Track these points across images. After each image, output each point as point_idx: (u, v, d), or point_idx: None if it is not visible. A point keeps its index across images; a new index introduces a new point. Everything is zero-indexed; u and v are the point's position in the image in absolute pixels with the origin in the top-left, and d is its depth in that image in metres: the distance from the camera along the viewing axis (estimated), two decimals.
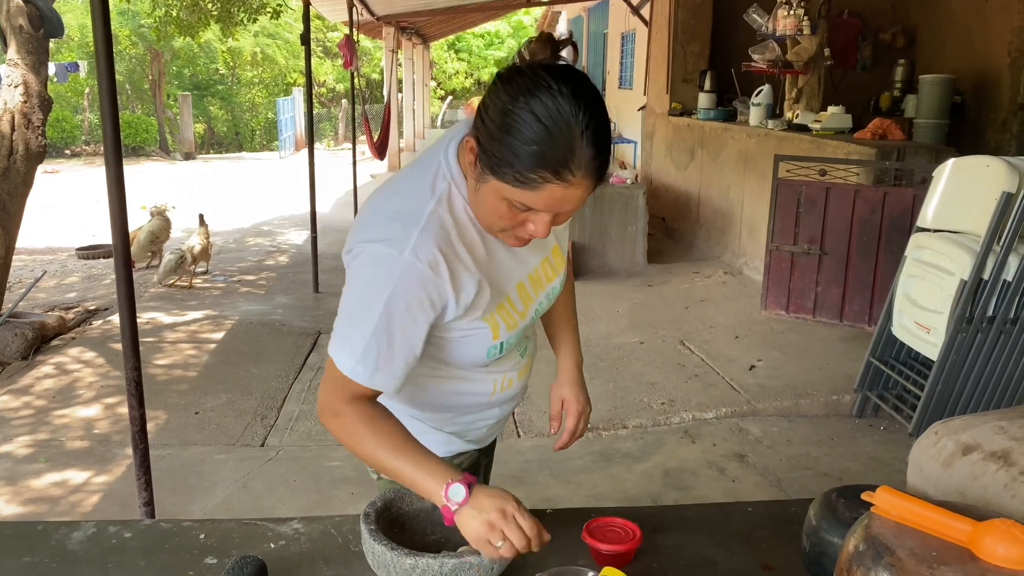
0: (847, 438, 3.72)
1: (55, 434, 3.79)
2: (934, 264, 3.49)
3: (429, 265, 1.20)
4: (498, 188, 1.16)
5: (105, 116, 2.34)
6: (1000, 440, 1.27)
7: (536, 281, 1.42)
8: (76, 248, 8.22)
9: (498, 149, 1.13)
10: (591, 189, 1.16)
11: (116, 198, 2.40)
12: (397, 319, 1.22)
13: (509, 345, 1.39)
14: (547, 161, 1.10)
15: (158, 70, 22.52)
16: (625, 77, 13.83)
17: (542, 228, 1.19)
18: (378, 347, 1.23)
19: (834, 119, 5.79)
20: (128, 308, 2.44)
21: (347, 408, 1.29)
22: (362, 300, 1.23)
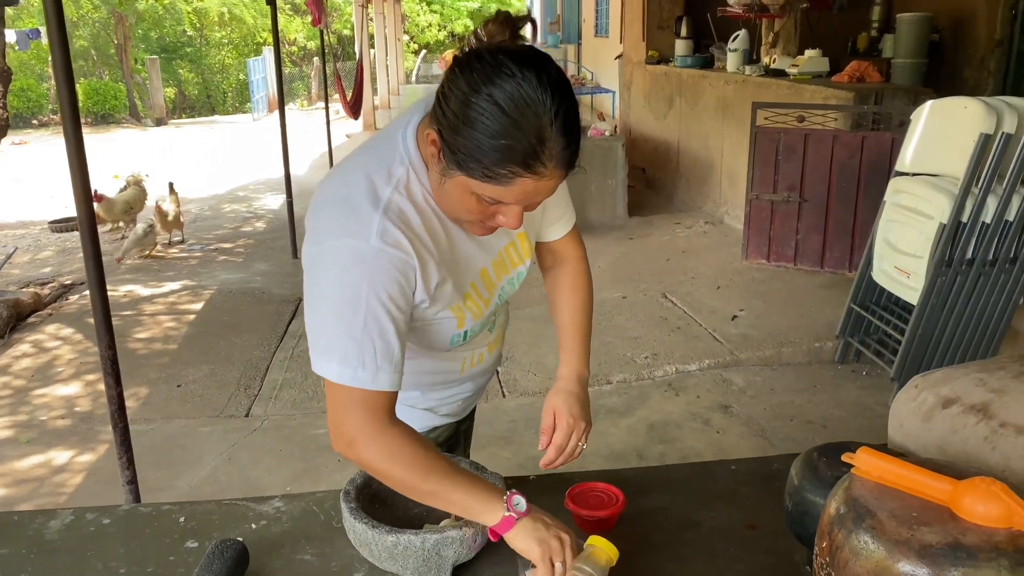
0: (830, 385, 3.75)
1: (36, 413, 3.75)
2: (913, 208, 3.48)
3: (397, 247, 1.15)
4: (465, 183, 1.10)
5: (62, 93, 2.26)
6: (980, 392, 1.26)
7: (500, 266, 1.37)
8: (49, 221, 8.09)
9: (462, 144, 1.07)
10: (563, 178, 1.12)
11: (79, 173, 2.32)
12: (382, 309, 1.15)
13: (473, 333, 1.37)
14: (516, 155, 1.05)
15: (123, 34, 21.97)
16: (601, 24, 13.64)
17: (514, 220, 1.14)
18: (372, 344, 1.15)
19: (811, 63, 5.74)
20: (98, 286, 2.39)
21: (391, 430, 1.20)
22: (340, 301, 1.15)
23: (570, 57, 16.09)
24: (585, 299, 1.55)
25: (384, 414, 1.20)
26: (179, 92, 25.70)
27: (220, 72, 26.99)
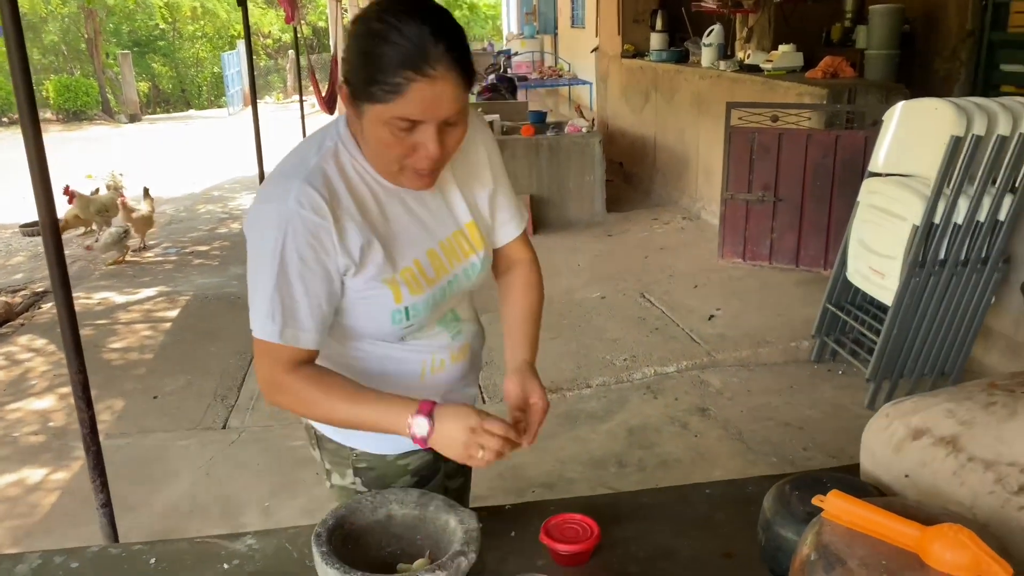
0: (806, 385, 3.77)
1: (9, 429, 3.70)
2: (886, 209, 3.50)
3: (313, 210, 1.23)
4: (376, 114, 1.19)
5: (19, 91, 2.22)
6: (949, 424, 1.27)
7: (450, 251, 1.41)
8: (20, 225, 7.97)
9: (361, 74, 1.18)
10: (461, 86, 1.19)
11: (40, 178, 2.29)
12: (293, 268, 1.23)
13: (416, 313, 1.35)
14: (404, 60, 1.14)
15: (93, 28, 21.63)
16: (577, 16, 13.60)
17: (431, 142, 1.20)
18: (281, 300, 1.24)
19: (785, 58, 5.75)
20: (66, 306, 2.36)
21: (289, 378, 1.30)
22: (258, 259, 1.26)
23: (547, 48, 16.05)
24: (537, 299, 1.61)
25: (292, 365, 1.30)
26: (153, 86, 25.39)
27: (194, 66, 26.69)
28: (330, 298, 1.29)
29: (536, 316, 1.59)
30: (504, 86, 10.27)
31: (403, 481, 1.54)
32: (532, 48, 15.73)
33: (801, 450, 3.23)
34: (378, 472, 1.53)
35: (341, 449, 1.53)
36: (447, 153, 1.25)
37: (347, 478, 1.55)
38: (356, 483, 1.55)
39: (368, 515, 1.38)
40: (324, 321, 1.30)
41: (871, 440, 1.38)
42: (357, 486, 1.55)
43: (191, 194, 9.58)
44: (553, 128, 6.87)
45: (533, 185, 6.59)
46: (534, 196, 6.54)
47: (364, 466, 1.53)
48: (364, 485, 1.54)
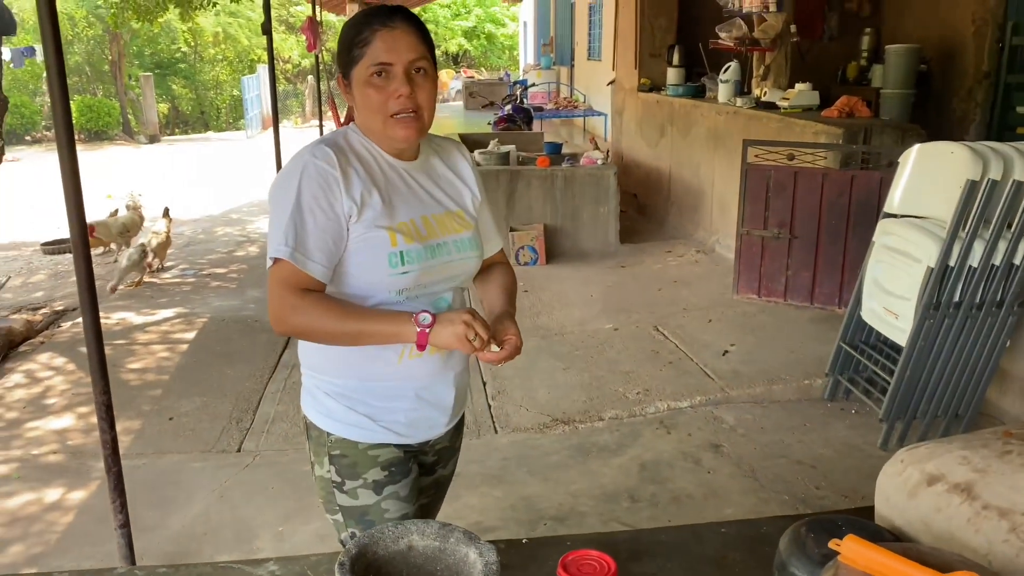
0: (819, 423, 3.77)
1: (28, 448, 3.75)
2: (901, 250, 3.53)
3: (325, 161, 1.51)
4: (358, 75, 1.52)
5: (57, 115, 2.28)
6: (963, 471, 1.29)
7: (442, 223, 1.63)
8: (41, 243, 8.08)
9: (343, 51, 1.55)
10: (417, 36, 1.52)
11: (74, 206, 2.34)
12: (306, 204, 1.48)
13: (411, 259, 1.54)
14: (370, 20, 1.51)
15: (118, 51, 21.98)
16: (594, 48, 13.74)
17: (402, 85, 1.50)
18: (295, 228, 1.47)
19: (801, 96, 5.81)
20: (94, 328, 2.40)
21: (301, 300, 1.48)
22: (278, 199, 1.51)
23: (563, 79, 16.20)
24: (513, 283, 1.83)
25: (300, 287, 1.49)
26: (173, 107, 25.72)
27: (214, 88, 27.02)
28: (336, 238, 1.51)
29: (513, 293, 1.79)
30: (520, 116, 10.38)
31: (373, 472, 1.63)
32: (548, 79, 15.89)
33: (814, 489, 3.23)
34: (350, 460, 1.63)
35: (321, 435, 1.65)
36: (421, 100, 1.53)
37: (324, 467, 1.66)
38: (331, 472, 1.65)
39: (390, 545, 1.40)
40: (331, 257, 1.51)
41: (886, 484, 1.40)
42: (332, 475, 1.65)
43: (209, 216, 9.68)
44: (568, 159, 6.94)
45: (547, 215, 6.65)
46: (548, 226, 6.59)
47: (338, 453, 1.64)
48: (338, 474, 1.64)
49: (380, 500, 1.64)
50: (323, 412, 1.65)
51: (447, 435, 1.78)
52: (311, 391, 1.68)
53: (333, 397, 1.64)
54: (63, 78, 2.27)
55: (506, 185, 6.59)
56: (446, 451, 1.82)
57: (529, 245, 6.38)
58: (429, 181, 1.66)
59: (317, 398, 1.66)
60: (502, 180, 6.58)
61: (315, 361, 1.66)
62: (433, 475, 1.82)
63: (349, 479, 1.64)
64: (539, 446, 3.66)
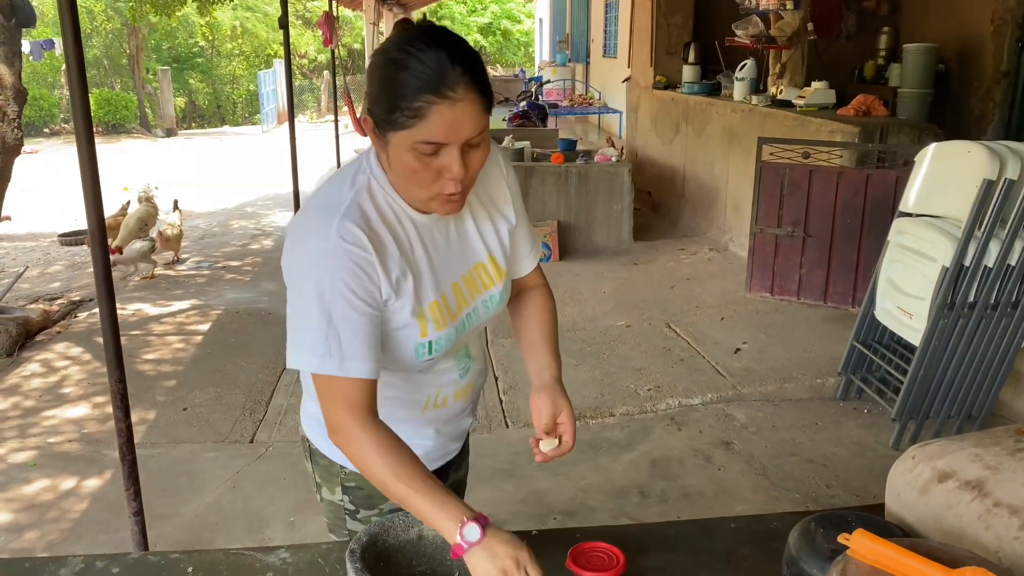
0: (831, 422, 3.76)
1: (44, 436, 3.78)
2: (916, 250, 3.51)
3: (356, 244, 1.26)
4: (400, 141, 1.22)
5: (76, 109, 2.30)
6: (975, 469, 1.29)
7: (471, 283, 1.44)
8: (59, 234, 8.15)
9: (384, 103, 1.21)
10: (480, 107, 1.21)
11: (92, 200, 2.36)
12: (344, 301, 1.26)
13: (439, 347, 1.39)
14: (424, 84, 1.17)
15: (136, 45, 22.16)
16: (609, 45, 13.72)
17: (455, 164, 1.23)
18: (338, 334, 1.26)
19: (817, 95, 5.78)
20: (110, 319, 2.43)
21: (358, 431, 1.29)
22: (305, 296, 1.27)
23: (578, 76, 16.18)
24: (553, 320, 1.63)
25: (362, 407, 1.29)
26: (190, 102, 25.88)
27: (231, 83, 27.18)
28: (378, 328, 1.31)
29: (555, 335, 1.61)
30: (535, 113, 10.37)
31: (388, 504, 1.55)
32: (564, 76, 15.88)
33: (824, 487, 3.23)
34: (366, 492, 1.56)
35: (332, 466, 1.56)
36: (472, 175, 1.28)
37: (336, 494, 1.59)
38: (344, 500, 1.58)
39: (400, 534, 1.41)
40: (377, 351, 1.31)
41: (897, 481, 1.40)
42: (345, 503, 1.58)
43: (224, 209, 9.74)
44: (583, 156, 6.94)
45: (561, 212, 6.65)
46: (561, 223, 6.59)
47: (353, 485, 1.56)
48: (352, 503, 1.58)
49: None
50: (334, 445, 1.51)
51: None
52: (320, 420, 1.47)
53: None
54: (82, 71, 2.29)
55: (520, 181, 6.50)
56: (457, 456, 1.77)
57: (542, 241, 6.39)
58: (459, 231, 1.44)
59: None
60: (516, 176, 6.58)
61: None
62: (447, 480, 1.78)
63: (364, 508, 1.57)
64: None
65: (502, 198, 1.51)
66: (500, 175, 1.52)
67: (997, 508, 1.21)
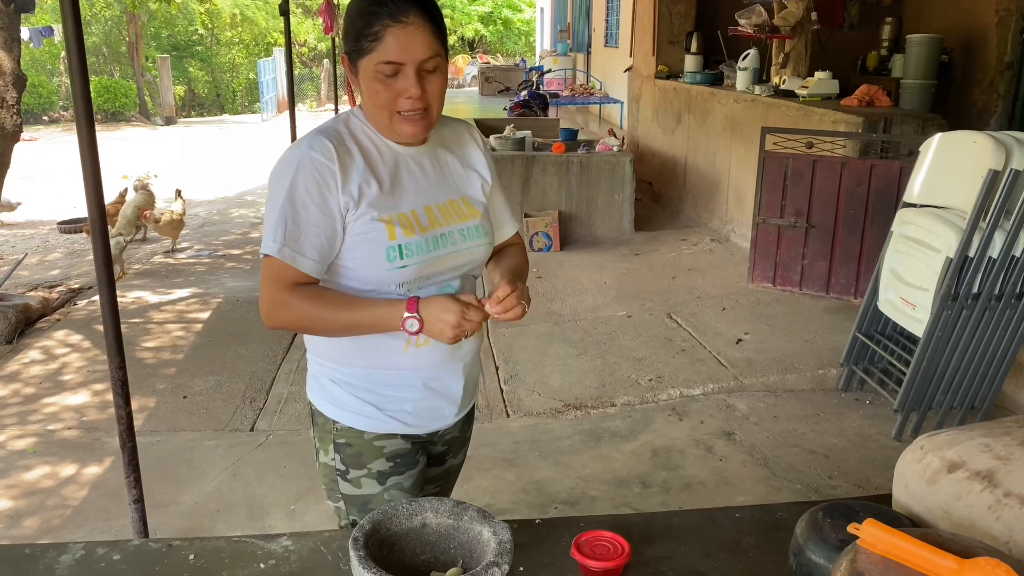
0: (833, 413, 3.75)
1: (44, 423, 3.77)
2: (920, 240, 3.49)
3: (323, 154, 1.45)
4: (365, 67, 1.43)
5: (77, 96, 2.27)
6: (985, 459, 1.27)
7: (446, 212, 1.57)
8: (58, 222, 8.13)
9: (352, 35, 1.43)
10: (431, 33, 1.41)
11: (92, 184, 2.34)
12: (299, 199, 1.43)
13: (410, 252, 1.48)
14: (380, 13, 1.39)
15: (135, 32, 22.04)
16: (611, 35, 13.66)
17: (412, 85, 1.42)
18: (286, 224, 1.43)
19: (821, 85, 5.75)
20: (111, 307, 2.41)
21: (289, 296, 1.46)
22: (273, 193, 1.46)
23: (579, 66, 16.12)
24: (524, 261, 1.77)
25: (291, 283, 1.46)
26: (189, 90, 25.79)
27: (230, 71, 27.08)
28: (331, 233, 1.46)
29: (523, 271, 1.73)
30: (536, 103, 10.34)
31: (379, 463, 1.61)
32: (565, 66, 15.82)
33: (827, 478, 3.22)
34: (355, 449, 1.61)
35: (327, 423, 1.63)
36: (430, 99, 1.46)
37: (329, 454, 1.64)
38: (335, 460, 1.63)
39: (404, 522, 1.40)
40: (323, 253, 1.47)
41: (905, 471, 1.39)
42: (336, 463, 1.63)
43: (224, 197, 9.71)
44: (584, 146, 6.91)
45: (562, 202, 6.63)
46: (562, 213, 6.57)
47: (343, 442, 1.61)
48: (343, 463, 1.62)
49: (383, 490, 1.60)
50: (329, 400, 1.62)
51: (457, 425, 1.74)
52: (317, 378, 1.65)
53: (339, 385, 1.60)
54: (83, 58, 2.26)
55: (521, 171, 6.57)
56: (456, 440, 1.79)
57: (543, 231, 6.36)
58: (434, 167, 1.59)
59: (323, 385, 1.63)
60: (517, 166, 6.56)
61: (321, 348, 1.62)
62: (443, 465, 1.80)
63: (353, 468, 1.61)
64: (551, 431, 3.65)
65: (477, 161, 1.68)
66: (476, 145, 1.70)
67: (1008, 499, 1.20)
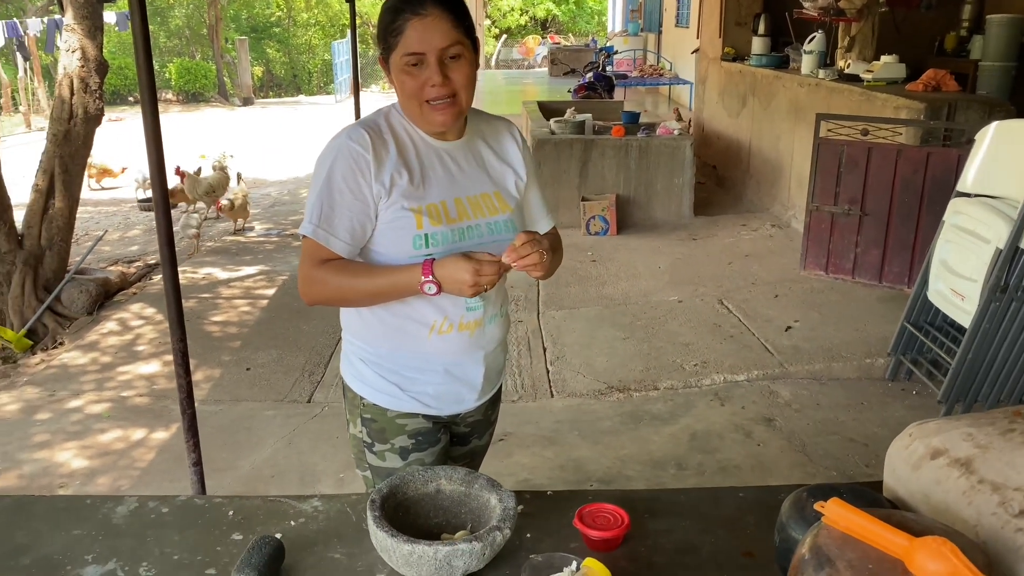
0: (877, 403, 3.74)
1: (118, 390, 4.05)
2: (971, 231, 3.45)
3: (359, 143, 1.54)
4: (395, 63, 1.52)
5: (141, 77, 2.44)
6: (966, 447, 1.32)
7: (476, 205, 1.63)
8: (138, 200, 8.53)
9: (381, 36, 1.54)
10: (449, 21, 1.49)
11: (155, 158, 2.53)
12: (336, 184, 1.53)
13: (436, 242, 1.56)
14: (401, 7, 1.48)
15: (215, 15, 22.70)
16: (682, 15, 13.50)
17: (435, 73, 1.49)
18: (322, 207, 1.53)
19: (886, 69, 5.63)
20: (173, 282, 2.60)
21: (318, 271, 1.55)
22: (315, 178, 1.57)
23: (650, 46, 15.98)
24: (556, 240, 1.77)
25: (323, 260, 1.56)
26: (266, 71, 26.43)
27: (306, 52, 27.63)
28: (363, 218, 1.56)
29: (553, 244, 1.67)
30: (601, 84, 10.33)
31: (401, 439, 1.72)
32: (635, 46, 15.70)
33: (863, 467, 3.23)
34: (379, 424, 1.73)
35: (355, 398, 1.75)
36: (455, 86, 1.52)
37: (357, 427, 1.77)
38: (363, 433, 1.75)
39: (420, 487, 1.53)
40: (355, 236, 1.57)
41: (894, 457, 1.45)
42: (363, 436, 1.75)
43: (295, 178, 10.01)
44: (645, 129, 6.91)
45: (620, 185, 6.66)
46: (620, 196, 6.60)
47: (369, 417, 1.73)
48: (369, 436, 1.74)
49: (405, 465, 1.71)
50: (357, 376, 1.72)
51: (479, 409, 1.81)
52: (348, 355, 1.75)
53: (366, 363, 1.70)
54: (148, 49, 2.43)
55: (580, 154, 6.62)
56: (480, 423, 1.87)
57: (600, 215, 6.41)
58: (469, 162, 1.65)
59: (352, 362, 1.73)
60: (576, 149, 6.61)
61: (354, 327, 1.72)
62: (467, 445, 1.89)
63: (378, 442, 1.72)
64: (593, 411, 3.75)
65: (514, 159, 1.74)
66: (515, 144, 1.75)
67: (981, 485, 1.25)
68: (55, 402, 3.94)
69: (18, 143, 12.53)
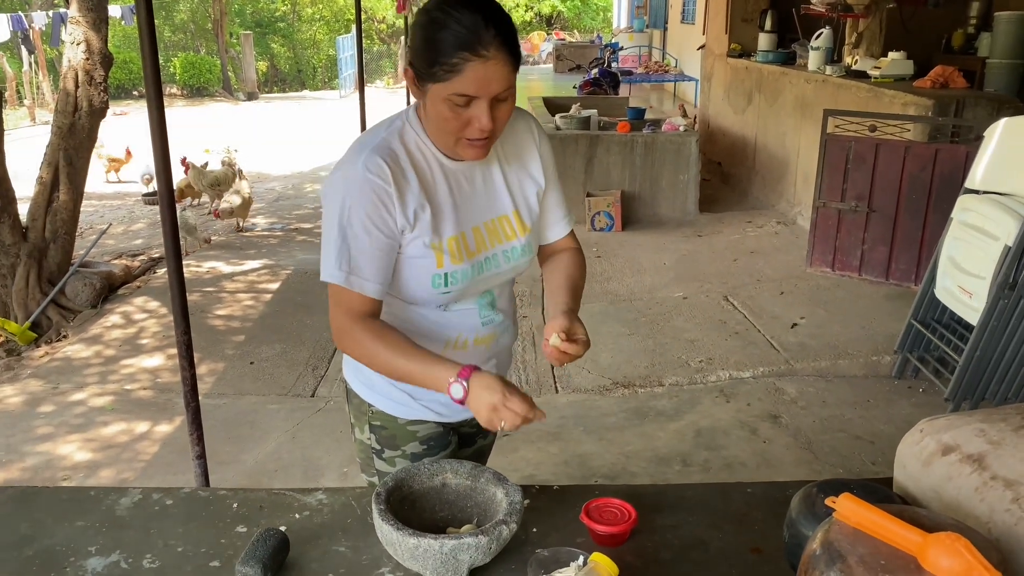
0: (883, 400, 3.73)
1: (122, 383, 4.04)
2: (979, 228, 3.42)
3: (377, 175, 1.41)
4: (436, 92, 1.36)
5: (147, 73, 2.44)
6: (978, 443, 1.31)
7: (493, 231, 1.56)
8: (142, 194, 8.53)
9: (424, 58, 1.35)
10: (510, 66, 1.35)
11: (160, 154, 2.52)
12: (359, 222, 1.41)
13: (455, 281, 1.50)
14: (460, 43, 1.31)
15: (220, 9, 22.69)
16: (688, 11, 13.48)
17: (484, 116, 1.37)
18: (349, 251, 1.41)
19: (894, 65, 5.60)
20: (177, 275, 2.59)
21: (357, 329, 1.46)
22: (329, 216, 1.44)
23: (655, 43, 15.94)
24: (581, 274, 1.69)
25: (361, 315, 1.46)
26: (271, 66, 26.43)
27: (311, 47, 27.62)
28: (390, 254, 1.46)
29: (579, 285, 1.66)
30: (607, 80, 10.31)
31: (412, 446, 1.69)
32: (640, 42, 15.66)
33: (870, 464, 3.22)
34: (390, 432, 1.69)
35: (362, 404, 1.71)
36: (498, 126, 1.41)
37: (364, 433, 1.73)
38: (371, 439, 1.71)
39: (425, 481, 1.51)
40: (384, 274, 1.46)
41: (904, 453, 1.43)
42: (372, 443, 1.71)
43: (299, 172, 10.00)
44: (650, 126, 6.89)
45: (625, 181, 6.64)
46: (625, 192, 6.58)
47: (379, 424, 1.70)
48: (378, 443, 1.71)
49: None
50: (366, 383, 1.68)
51: None
52: (354, 361, 1.66)
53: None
54: (154, 44, 2.43)
55: (585, 150, 6.60)
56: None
57: (605, 211, 6.40)
58: (486, 180, 1.56)
59: (361, 369, 1.66)
60: (581, 145, 6.60)
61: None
62: (473, 446, 1.87)
63: (388, 448, 1.69)
64: (597, 407, 3.73)
65: (532, 162, 1.63)
66: (533, 143, 1.63)
67: (993, 481, 1.24)
68: (59, 395, 3.94)
69: (23, 136, 12.53)
